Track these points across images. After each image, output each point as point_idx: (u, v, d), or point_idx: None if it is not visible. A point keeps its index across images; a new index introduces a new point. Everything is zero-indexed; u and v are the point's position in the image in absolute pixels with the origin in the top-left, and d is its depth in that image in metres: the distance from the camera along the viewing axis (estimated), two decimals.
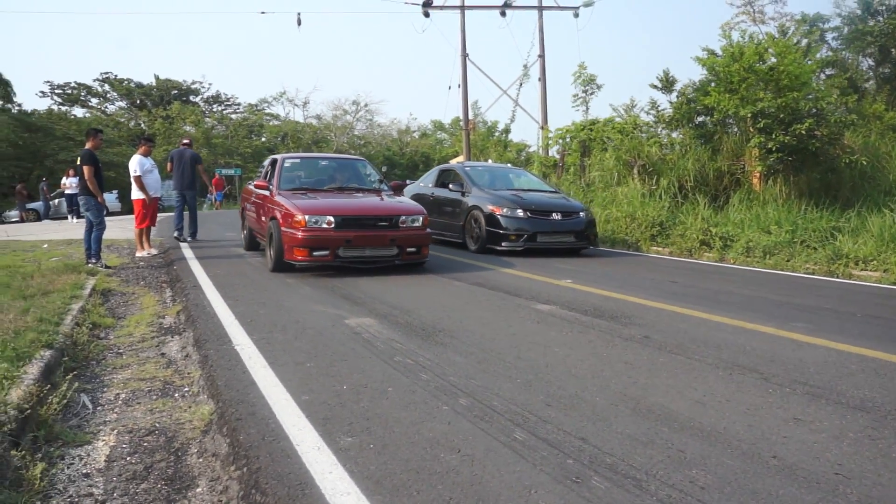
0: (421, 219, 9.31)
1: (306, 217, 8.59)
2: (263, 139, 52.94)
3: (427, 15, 26.95)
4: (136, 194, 11.39)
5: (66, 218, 25.92)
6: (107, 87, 51.74)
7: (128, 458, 3.29)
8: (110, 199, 30.41)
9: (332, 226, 8.64)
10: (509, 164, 21.62)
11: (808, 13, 23.18)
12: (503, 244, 11.47)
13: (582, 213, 12.09)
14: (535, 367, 4.45)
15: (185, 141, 14.45)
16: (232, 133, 48.80)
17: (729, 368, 4.47)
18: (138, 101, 52.55)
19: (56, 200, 31.77)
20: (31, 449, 3.28)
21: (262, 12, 31.01)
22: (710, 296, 7.58)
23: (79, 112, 49.83)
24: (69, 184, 24.49)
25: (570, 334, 5.47)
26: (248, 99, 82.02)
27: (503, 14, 27.06)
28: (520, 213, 11.60)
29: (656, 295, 7.46)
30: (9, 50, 75.71)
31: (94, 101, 52.28)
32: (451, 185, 13.11)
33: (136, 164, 11.31)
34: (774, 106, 13.43)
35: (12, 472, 2.98)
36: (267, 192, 10.05)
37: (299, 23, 30.01)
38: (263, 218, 10.03)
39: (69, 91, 50.83)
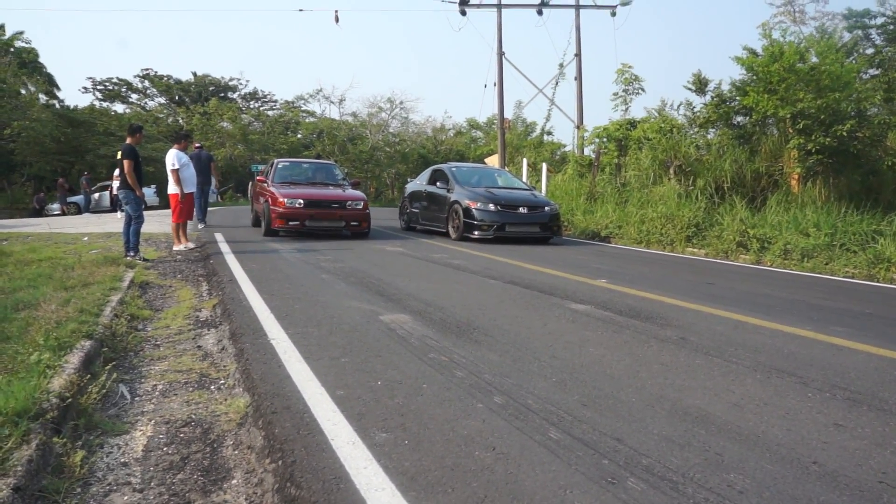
0: (362, 203, 13.76)
1: (286, 200, 13.10)
2: (299, 136, 53.22)
3: (464, 13, 26.95)
4: (172, 188, 11.57)
5: (113, 212, 26.29)
6: (147, 83, 52.57)
7: (164, 449, 3.33)
8: (149, 193, 30.87)
9: (302, 206, 13.09)
10: (545, 164, 21.57)
11: (855, 9, 22.70)
12: (475, 233, 13.50)
13: (547, 208, 14.02)
14: (569, 367, 4.42)
15: (197, 144, 15.52)
16: (268, 129, 49.09)
17: (767, 372, 4.40)
18: (177, 98, 53.24)
19: (97, 194, 32.32)
20: (72, 437, 3.34)
21: (301, 10, 31.17)
22: (748, 298, 7.47)
23: (119, 108, 50.68)
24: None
25: (605, 334, 5.42)
26: (285, 96, 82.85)
27: (540, 13, 26.92)
28: (491, 206, 13.54)
29: (693, 296, 7.38)
30: (55, 46, 77.25)
31: (134, 97, 53.17)
32: (438, 183, 15.44)
33: (174, 158, 11.51)
34: (815, 107, 13.18)
35: (54, 458, 3.03)
36: (265, 184, 14.56)
37: (337, 20, 30.20)
38: (262, 201, 14.34)
39: (110, 87, 51.70)
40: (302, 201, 13.14)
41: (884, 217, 11.93)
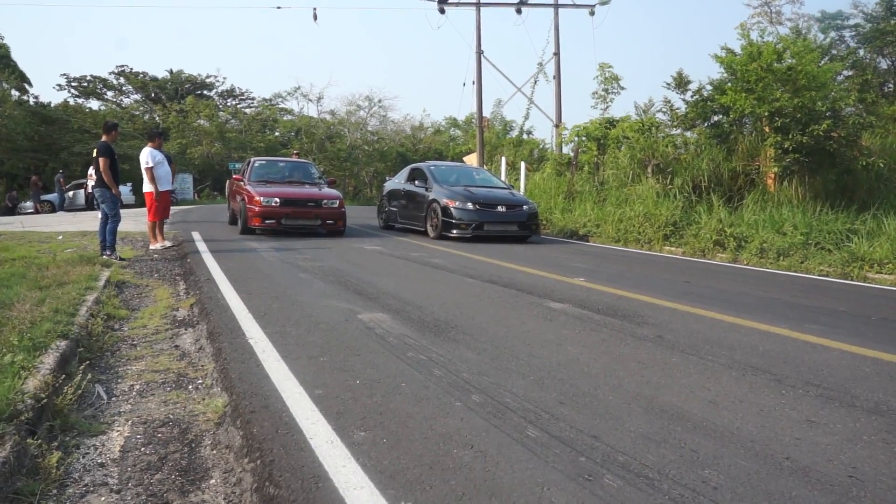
0: (338, 202, 13.99)
1: (262, 198, 13.28)
2: (277, 134, 52.96)
3: (442, 11, 26.95)
4: (147, 187, 11.45)
5: (90, 210, 25.97)
6: (122, 80, 51.96)
7: (142, 449, 3.32)
8: (125, 191, 30.57)
9: (278, 204, 13.27)
10: (523, 163, 21.64)
11: (828, 11, 23.02)
12: (454, 231, 13.55)
13: (525, 207, 14.11)
14: (547, 365, 4.45)
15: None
16: (246, 127, 48.84)
17: (742, 369, 4.46)
18: (153, 95, 52.71)
19: (71, 192, 31.97)
20: (48, 438, 3.32)
21: (279, 7, 31.02)
22: (724, 296, 7.56)
23: (94, 105, 50.11)
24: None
25: (582, 333, 5.47)
26: (263, 93, 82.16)
27: (519, 11, 27.00)
28: (470, 205, 13.63)
29: (670, 295, 7.45)
30: (29, 43, 76.28)
31: (109, 93, 52.53)
32: (416, 182, 15.51)
33: (148, 156, 11.33)
34: (791, 105, 13.34)
35: (29, 460, 3.01)
36: (241, 182, 14.74)
37: (315, 17, 30.16)
38: (239, 199, 14.48)
39: (85, 84, 51.09)
40: (278, 200, 13.33)
41: (857, 216, 12.13)
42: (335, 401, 3.65)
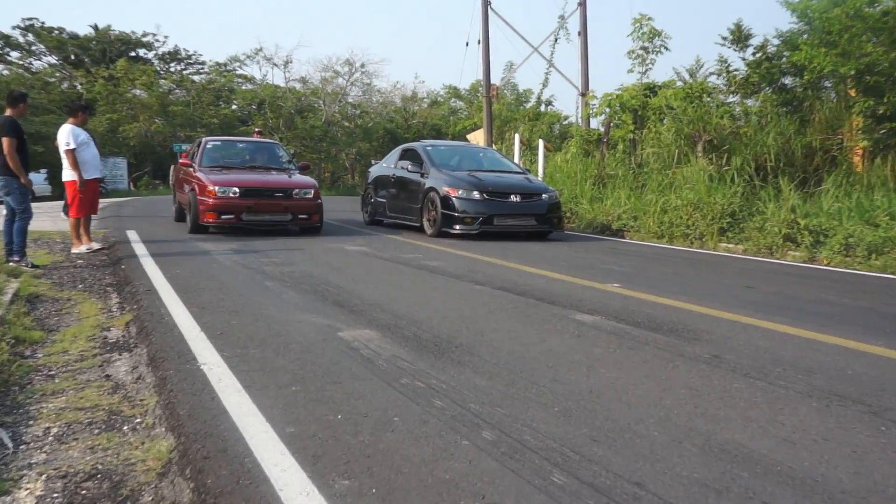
0: (312, 191, 14.06)
1: (216, 188, 13.19)
2: (234, 107, 53.01)
3: None
4: (68, 175, 11.27)
5: None
6: (31, 37, 51.20)
7: None
8: (37, 180, 30.54)
9: (238, 195, 13.26)
10: (542, 141, 21.65)
11: None
12: (457, 227, 13.61)
13: (544, 196, 14.23)
14: (575, 393, 4.44)
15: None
16: (194, 99, 48.81)
17: (826, 398, 4.44)
18: (73, 57, 52.40)
19: None
20: None
21: None
22: (799, 305, 7.55)
23: None
24: None
25: (619, 352, 5.46)
26: (216, 57, 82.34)
27: None
28: (476, 194, 13.66)
29: (728, 304, 7.44)
30: None
31: (13, 54, 51.71)
32: (410, 166, 15.51)
33: (69, 135, 11.08)
34: (887, 61, 13.15)
35: None
36: (191, 169, 14.68)
37: None
38: (187, 189, 14.42)
39: None
40: (237, 190, 13.34)
41: None
42: (311, 441, 3.63)
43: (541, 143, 21.35)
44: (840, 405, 4.31)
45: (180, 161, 16.40)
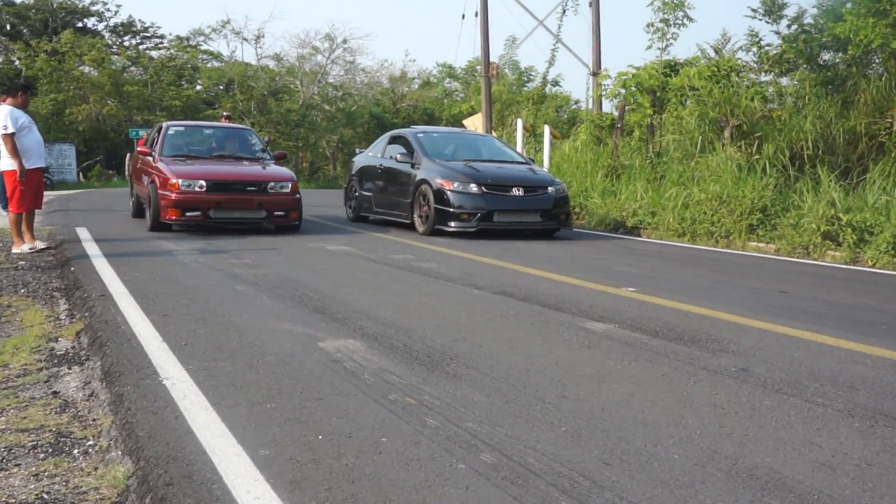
0: (290, 185, 13.95)
1: (180, 181, 12.99)
2: (199, 87, 52.90)
3: None
4: (6, 164, 11.19)
5: None
6: None
7: None
8: None
9: (204, 189, 13.06)
10: (548, 127, 21.65)
11: None
12: (452, 224, 13.65)
13: (550, 189, 14.29)
14: (586, 411, 4.46)
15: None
16: (153, 78, 48.67)
17: (870, 418, 4.44)
18: (8, 27, 52.14)
19: None
20: None
21: None
22: (839, 313, 7.57)
23: None
24: None
25: (634, 364, 5.48)
26: (176, 30, 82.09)
27: None
28: (473, 188, 13.68)
29: (758, 310, 7.46)
30: None
31: None
32: (398, 156, 15.44)
33: (7, 118, 10.90)
34: None
35: None
36: (150, 158, 14.63)
37: None
38: (146, 181, 14.28)
39: None
40: (204, 183, 13.16)
41: None
42: (289, 465, 3.65)
43: (546, 129, 21.33)
44: (886, 426, 4.31)
45: (138, 149, 16.27)
